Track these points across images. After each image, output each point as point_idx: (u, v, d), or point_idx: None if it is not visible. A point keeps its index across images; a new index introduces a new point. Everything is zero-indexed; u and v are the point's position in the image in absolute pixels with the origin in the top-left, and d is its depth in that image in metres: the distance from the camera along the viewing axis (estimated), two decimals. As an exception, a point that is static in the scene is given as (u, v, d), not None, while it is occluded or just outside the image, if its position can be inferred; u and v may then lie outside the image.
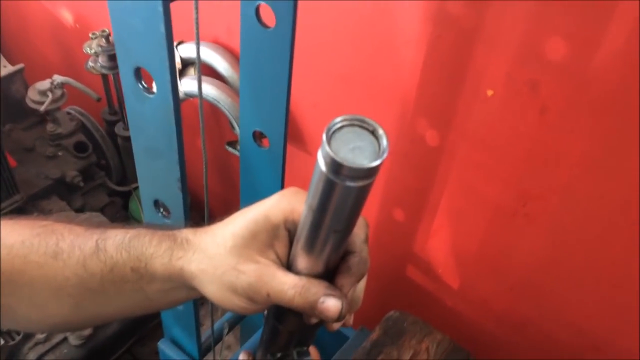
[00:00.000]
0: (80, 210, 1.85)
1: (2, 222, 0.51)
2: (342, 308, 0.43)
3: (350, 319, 0.52)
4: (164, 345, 1.29)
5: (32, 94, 1.78)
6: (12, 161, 1.76)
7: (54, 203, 1.78)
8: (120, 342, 1.65)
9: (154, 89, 0.77)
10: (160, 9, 0.67)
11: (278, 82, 0.97)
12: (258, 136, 1.08)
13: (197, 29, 0.71)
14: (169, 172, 0.86)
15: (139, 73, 0.78)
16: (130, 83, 0.80)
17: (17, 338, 1.48)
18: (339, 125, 0.36)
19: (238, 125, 1.33)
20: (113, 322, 1.58)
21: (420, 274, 1.36)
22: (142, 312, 0.51)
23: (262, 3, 0.89)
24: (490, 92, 1.00)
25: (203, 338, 1.25)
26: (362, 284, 0.49)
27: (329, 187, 0.37)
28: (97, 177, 1.96)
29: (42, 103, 1.76)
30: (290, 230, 0.46)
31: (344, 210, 0.39)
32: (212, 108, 1.51)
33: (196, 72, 1.43)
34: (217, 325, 1.27)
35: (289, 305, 0.44)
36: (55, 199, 1.79)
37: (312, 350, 0.59)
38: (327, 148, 0.35)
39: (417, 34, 1.03)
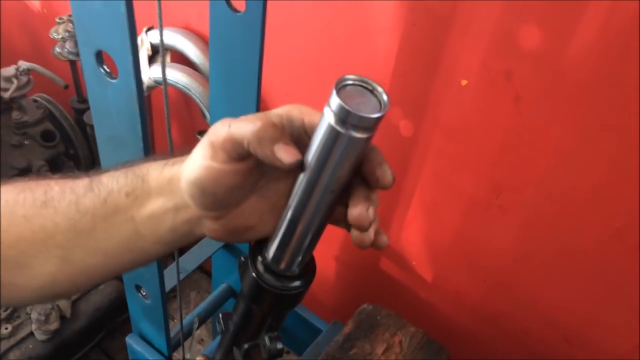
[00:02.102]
0: (47, 201, 1.80)
1: None
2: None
3: (384, 237, 0.46)
4: (132, 340, 1.26)
5: (-4, 81, 1.72)
6: (-25, 150, 1.70)
7: (20, 194, 1.72)
8: (89, 336, 1.61)
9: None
10: (121, -13, 0.64)
11: (249, 69, 0.94)
12: (228, 125, 1.05)
13: (160, 13, 0.68)
14: (133, 161, 0.82)
15: (100, 57, 0.75)
16: (91, 67, 0.76)
17: (-20, 333, 1.43)
18: (345, 83, 0.40)
19: (209, 114, 1.30)
20: (81, 315, 1.55)
21: (394, 267, 1.35)
22: (130, 260, 0.50)
23: (232, -14, 0.86)
24: (464, 82, 0.98)
25: (173, 333, 1.22)
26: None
27: (333, 139, 0.39)
28: (65, 167, 1.90)
29: (6, 90, 1.70)
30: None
31: (344, 165, 0.41)
32: (183, 96, 1.48)
33: (160, 57, 1.39)
34: (186, 320, 1.24)
35: (243, 139, 0.40)
36: (21, 190, 1.74)
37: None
38: (337, 98, 0.38)
39: (392, 21, 1.01)
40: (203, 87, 1.36)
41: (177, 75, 1.37)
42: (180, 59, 1.41)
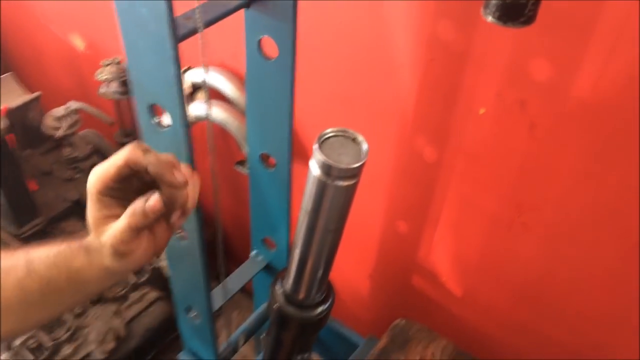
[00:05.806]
0: (98, 229, 1.92)
1: None
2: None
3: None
4: (184, 357, 1.36)
5: (48, 121, 1.86)
6: (32, 185, 1.84)
7: (73, 224, 1.85)
8: (143, 354, 1.72)
9: (164, 122, 0.85)
10: (171, 52, 0.74)
11: (281, 108, 1.03)
12: (265, 158, 1.15)
13: (206, 65, 0.78)
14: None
15: (152, 109, 0.85)
16: (145, 118, 0.87)
17: (46, 353, 1.55)
18: (327, 136, 0.45)
19: (245, 145, 1.39)
20: (135, 335, 1.66)
21: (426, 283, 1.42)
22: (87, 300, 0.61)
23: (265, 36, 0.96)
24: (482, 111, 1.06)
25: (221, 349, 1.31)
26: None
27: (321, 189, 0.44)
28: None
29: (58, 129, 1.83)
30: (102, 191, 0.56)
31: (336, 209, 0.46)
32: (221, 129, 1.58)
33: (205, 97, 1.50)
34: (232, 337, 1.33)
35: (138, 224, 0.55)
36: (74, 220, 1.87)
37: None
38: (319, 155, 0.43)
39: (412, 58, 1.09)
40: (239, 121, 1.46)
41: (214, 111, 1.47)
42: (217, 95, 1.52)
